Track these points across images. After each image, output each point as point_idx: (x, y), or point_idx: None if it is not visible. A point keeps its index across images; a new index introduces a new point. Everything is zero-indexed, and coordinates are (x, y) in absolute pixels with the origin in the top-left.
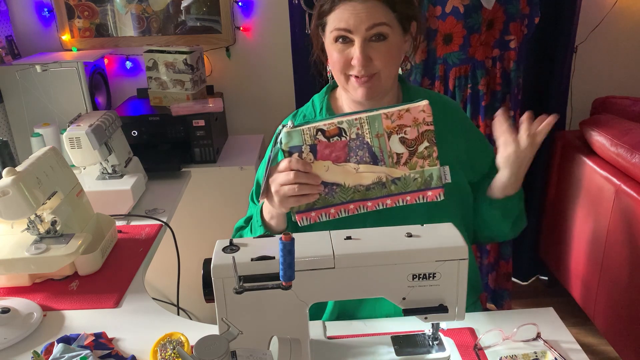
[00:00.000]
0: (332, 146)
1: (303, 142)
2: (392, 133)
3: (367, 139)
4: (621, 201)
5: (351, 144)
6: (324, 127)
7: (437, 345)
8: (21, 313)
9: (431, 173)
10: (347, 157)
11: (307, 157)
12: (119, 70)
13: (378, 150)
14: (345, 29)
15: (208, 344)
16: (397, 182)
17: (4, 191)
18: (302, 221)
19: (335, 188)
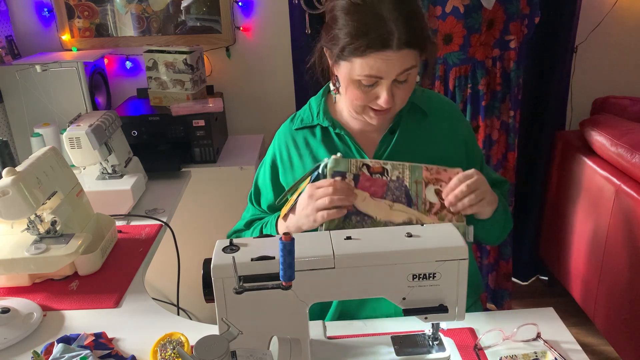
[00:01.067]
0: (373, 181)
1: (348, 170)
2: (429, 183)
3: (406, 182)
4: (621, 201)
5: (390, 184)
6: (369, 163)
7: (437, 345)
8: (21, 313)
9: (457, 227)
10: (384, 194)
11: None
12: (119, 70)
13: (414, 194)
14: (376, 75)
15: (208, 344)
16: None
17: (4, 191)
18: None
19: (366, 218)
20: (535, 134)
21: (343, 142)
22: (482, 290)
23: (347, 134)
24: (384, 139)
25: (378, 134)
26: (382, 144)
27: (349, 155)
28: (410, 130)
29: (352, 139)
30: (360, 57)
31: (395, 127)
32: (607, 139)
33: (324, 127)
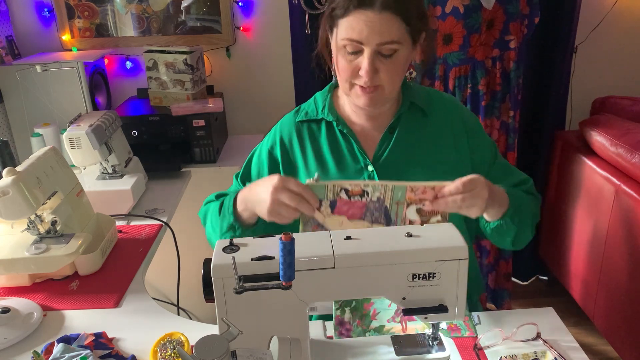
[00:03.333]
0: (351, 204)
1: (325, 197)
2: (412, 203)
3: (387, 203)
4: (621, 201)
5: (370, 205)
6: (348, 186)
7: (437, 345)
8: (21, 313)
9: None
10: (362, 216)
11: (325, 211)
12: (119, 70)
13: (394, 214)
14: (357, 40)
15: (208, 344)
16: None
17: (4, 191)
18: None
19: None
20: (535, 134)
21: (345, 140)
22: (484, 290)
23: (350, 132)
24: (384, 137)
25: (379, 132)
26: (382, 142)
27: (351, 153)
28: (410, 129)
29: (354, 136)
30: (345, 17)
31: (395, 126)
32: (607, 139)
33: (328, 121)
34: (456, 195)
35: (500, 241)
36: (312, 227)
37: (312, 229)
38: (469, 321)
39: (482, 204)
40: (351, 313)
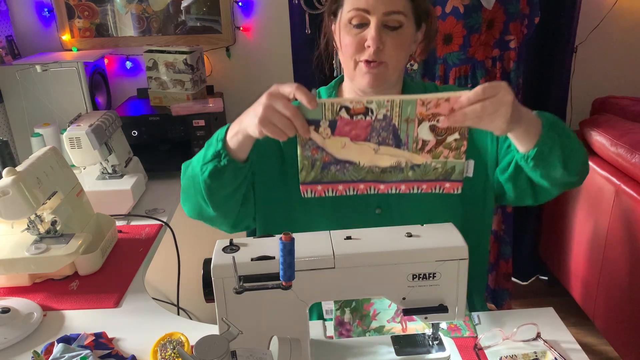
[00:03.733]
0: (353, 124)
1: (322, 117)
2: (424, 120)
3: (395, 121)
4: (621, 201)
5: (375, 124)
6: (349, 104)
7: (437, 345)
8: (21, 313)
9: (454, 165)
10: (368, 137)
11: (324, 132)
12: (119, 70)
13: (404, 134)
14: (364, 9)
15: (208, 344)
16: (416, 169)
17: (4, 191)
18: (307, 193)
19: (347, 166)
20: None
21: None
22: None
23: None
24: None
25: None
26: None
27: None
28: None
29: None
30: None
31: None
32: (607, 139)
33: None
34: (475, 103)
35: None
36: (311, 150)
37: (311, 152)
38: (469, 321)
39: (506, 112)
40: (351, 313)
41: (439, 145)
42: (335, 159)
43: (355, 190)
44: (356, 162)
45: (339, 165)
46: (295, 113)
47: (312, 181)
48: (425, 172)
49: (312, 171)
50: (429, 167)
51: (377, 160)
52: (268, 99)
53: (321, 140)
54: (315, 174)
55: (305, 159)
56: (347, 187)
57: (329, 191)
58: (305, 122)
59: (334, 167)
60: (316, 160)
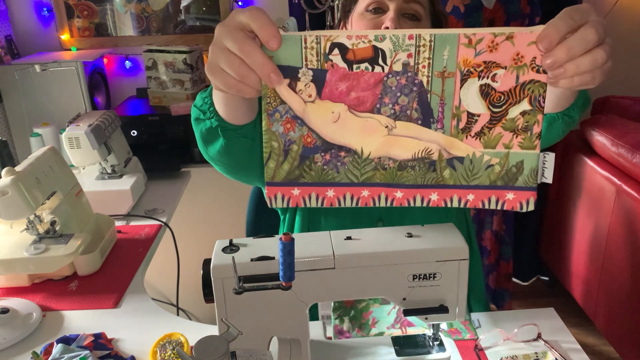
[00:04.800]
0: (354, 78)
1: (302, 62)
2: (472, 74)
3: (422, 76)
4: (622, 201)
5: (389, 82)
6: (347, 41)
7: (437, 345)
8: (20, 313)
9: (522, 160)
10: (378, 104)
11: (306, 91)
12: (118, 70)
13: (437, 100)
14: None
15: (208, 344)
16: (457, 165)
17: (3, 191)
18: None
19: (343, 155)
20: None
21: None
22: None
23: None
24: None
25: None
26: None
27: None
28: None
29: None
30: None
31: None
32: (608, 138)
33: None
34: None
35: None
36: (283, 123)
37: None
38: (469, 325)
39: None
40: (350, 322)
41: (495, 122)
42: (323, 141)
43: (355, 201)
44: (357, 150)
45: (328, 153)
46: (251, 49)
47: (285, 180)
48: (473, 171)
49: (284, 162)
50: (478, 163)
51: (391, 147)
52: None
53: (300, 105)
54: (291, 166)
55: (275, 138)
56: (341, 194)
57: (310, 199)
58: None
59: (321, 157)
60: (292, 142)
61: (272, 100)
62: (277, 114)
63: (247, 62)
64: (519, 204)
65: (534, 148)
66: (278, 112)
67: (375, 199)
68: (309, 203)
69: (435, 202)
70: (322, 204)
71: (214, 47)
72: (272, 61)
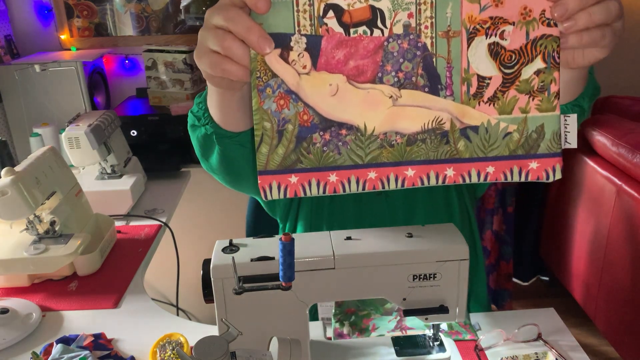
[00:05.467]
0: (352, 45)
1: (295, 28)
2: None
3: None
4: (622, 201)
5: (390, 46)
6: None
7: (437, 346)
8: (20, 313)
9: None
10: (379, 72)
11: (299, 62)
12: (118, 70)
13: (444, 64)
14: None
15: (207, 344)
16: (472, 136)
17: (2, 191)
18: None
19: (344, 134)
20: None
21: None
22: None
23: None
24: None
25: None
26: None
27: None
28: None
29: None
30: None
31: None
32: (608, 138)
33: None
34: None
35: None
36: (276, 99)
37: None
38: (469, 328)
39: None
40: (350, 327)
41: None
42: (321, 118)
43: (361, 184)
44: (360, 126)
45: (327, 132)
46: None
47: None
48: (490, 140)
49: (279, 145)
50: (495, 131)
51: (398, 119)
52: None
53: (294, 77)
54: (286, 150)
55: (267, 117)
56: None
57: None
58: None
59: (320, 137)
60: (287, 121)
61: (263, 74)
62: (269, 89)
63: (233, 30)
64: (545, 173)
65: (554, 109)
66: (270, 87)
67: (384, 181)
68: (309, 191)
69: (452, 178)
70: (325, 191)
71: (202, 30)
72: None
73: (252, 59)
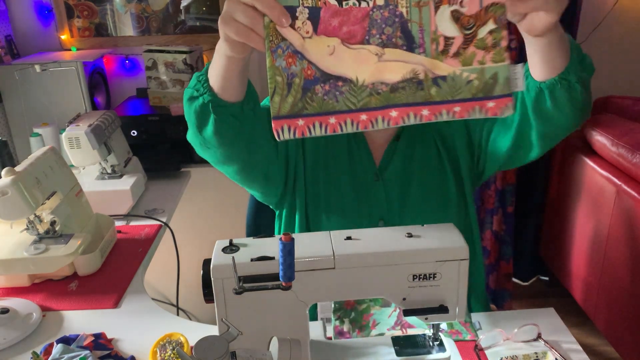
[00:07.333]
0: (344, 14)
1: (300, 1)
2: (443, 2)
3: (401, 7)
4: (622, 201)
5: (374, 15)
6: None
7: (437, 345)
8: (20, 313)
9: (495, 73)
10: (367, 35)
11: (303, 28)
12: (118, 70)
13: (417, 28)
14: None
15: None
16: (442, 83)
17: (3, 191)
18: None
19: (341, 85)
20: None
21: (356, 140)
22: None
23: (361, 133)
24: (390, 146)
25: (384, 141)
26: (389, 151)
27: (360, 158)
28: (413, 132)
29: (364, 140)
30: None
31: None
32: (608, 139)
33: None
34: None
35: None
36: (286, 57)
37: (285, 61)
38: (470, 327)
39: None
40: (350, 324)
41: (468, 43)
42: (322, 72)
43: (356, 125)
44: (352, 79)
45: (327, 84)
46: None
47: (290, 113)
48: (456, 87)
49: (288, 95)
50: (460, 80)
51: (382, 72)
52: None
53: (299, 40)
54: (294, 99)
55: (278, 73)
56: (342, 120)
57: (314, 127)
58: (280, 6)
59: (321, 88)
60: (294, 75)
61: (274, 38)
62: (280, 49)
63: (258, 7)
64: (500, 110)
65: (504, 60)
66: (280, 48)
67: (373, 122)
68: (313, 132)
69: (427, 116)
70: (326, 132)
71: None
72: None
73: (266, 26)
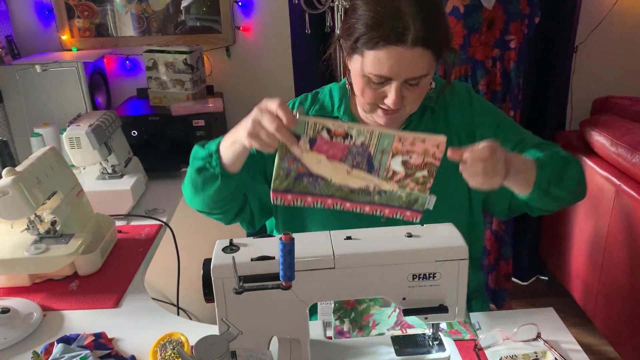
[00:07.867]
0: (332, 144)
1: (304, 133)
2: (398, 154)
3: (371, 149)
4: (621, 201)
5: (352, 149)
6: (331, 126)
7: (437, 345)
8: (21, 313)
9: (417, 197)
10: (344, 158)
11: (303, 146)
12: (118, 70)
13: (377, 162)
14: (386, 76)
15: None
16: (382, 194)
17: (3, 191)
18: (276, 201)
19: (320, 180)
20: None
21: None
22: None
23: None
24: None
25: None
26: None
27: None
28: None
29: None
30: (373, 50)
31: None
32: (608, 139)
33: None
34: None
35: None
36: (289, 161)
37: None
38: (469, 327)
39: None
40: (350, 324)
41: (407, 177)
42: (309, 171)
43: (323, 204)
44: (328, 179)
45: (311, 178)
46: (279, 127)
47: (284, 190)
48: (390, 198)
49: (285, 180)
50: (394, 195)
51: (348, 181)
52: (256, 114)
53: (299, 152)
54: (288, 183)
55: (282, 169)
56: (315, 200)
57: (297, 201)
58: (290, 134)
59: (307, 179)
60: (291, 170)
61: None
62: (286, 156)
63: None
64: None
65: (425, 192)
66: (286, 155)
67: (335, 205)
68: (296, 204)
69: (367, 211)
70: (303, 204)
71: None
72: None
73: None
